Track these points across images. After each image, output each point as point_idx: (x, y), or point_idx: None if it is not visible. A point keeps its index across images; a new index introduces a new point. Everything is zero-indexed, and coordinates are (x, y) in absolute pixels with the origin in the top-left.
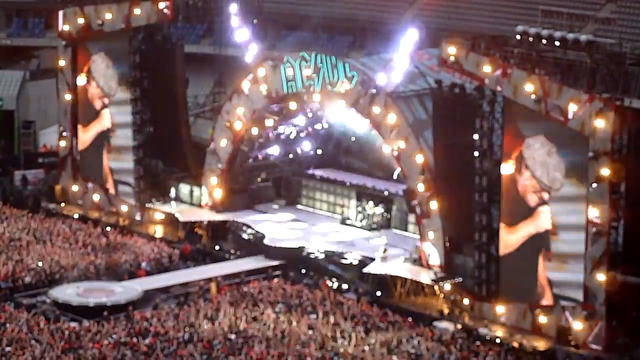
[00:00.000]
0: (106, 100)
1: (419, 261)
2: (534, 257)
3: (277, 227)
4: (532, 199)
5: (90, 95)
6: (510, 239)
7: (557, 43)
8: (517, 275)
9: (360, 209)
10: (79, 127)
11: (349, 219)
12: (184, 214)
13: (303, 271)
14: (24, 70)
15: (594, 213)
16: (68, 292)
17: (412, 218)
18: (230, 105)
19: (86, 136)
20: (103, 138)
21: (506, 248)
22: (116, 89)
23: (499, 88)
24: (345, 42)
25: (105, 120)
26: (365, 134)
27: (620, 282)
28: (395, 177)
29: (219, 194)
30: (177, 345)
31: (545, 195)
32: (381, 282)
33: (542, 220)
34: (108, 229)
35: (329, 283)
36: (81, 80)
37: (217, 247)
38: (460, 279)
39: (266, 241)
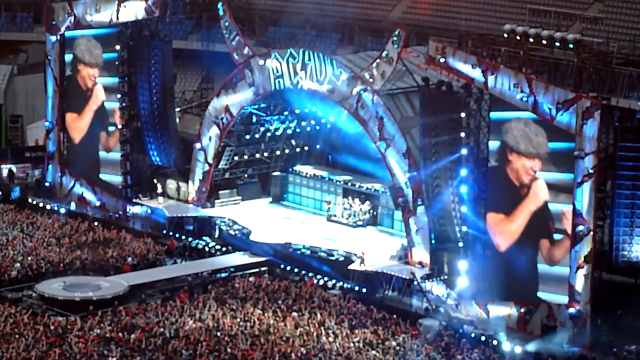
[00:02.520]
0: (96, 73)
1: (405, 258)
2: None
3: (263, 223)
4: (525, 179)
5: (81, 78)
6: (510, 227)
7: (544, 42)
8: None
9: (346, 205)
10: (73, 116)
11: (335, 215)
12: (171, 209)
13: (289, 268)
14: (12, 64)
15: (580, 211)
16: (54, 287)
17: (398, 215)
18: (218, 101)
19: (82, 123)
20: (99, 126)
21: (509, 239)
22: (102, 56)
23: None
24: (333, 39)
25: (99, 96)
26: (352, 130)
27: (606, 281)
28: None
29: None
30: (162, 341)
31: (537, 166)
32: (367, 280)
33: (539, 193)
34: (95, 224)
35: (315, 280)
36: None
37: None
38: (446, 277)
39: (252, 237)
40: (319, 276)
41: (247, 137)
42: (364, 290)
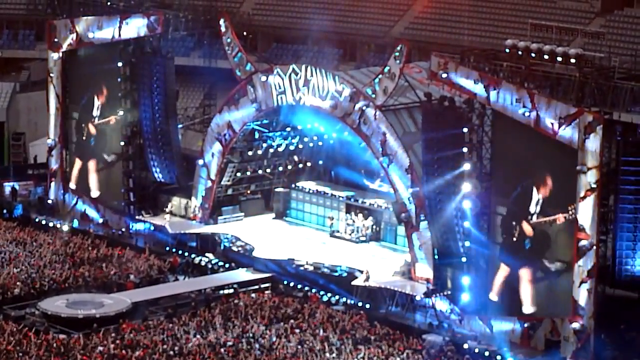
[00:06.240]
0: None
1: (409, 274)
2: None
3: (266, 239)
4: None
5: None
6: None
7: (546, 57)
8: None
9: (349, 221)
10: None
11: (338, 231)
12: (173, 226)
13: (292, 284)
14: (14, 82)
15: (583, 226)
16: (57, 304)
17: (401, 231)
18: (220, 117)
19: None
20: None
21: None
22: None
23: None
24: (336, 55)
25: None
26: (354, 146)
27: (609, 296)
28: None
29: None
30: (166, 358)
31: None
32: (370, 295)
33: None
34: (98, 241)
35: (319, 295)
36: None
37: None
38: (449, 292)
39: (255, 253)
40: (322, 292)
41: (250, 153)
42: (368, 305)
